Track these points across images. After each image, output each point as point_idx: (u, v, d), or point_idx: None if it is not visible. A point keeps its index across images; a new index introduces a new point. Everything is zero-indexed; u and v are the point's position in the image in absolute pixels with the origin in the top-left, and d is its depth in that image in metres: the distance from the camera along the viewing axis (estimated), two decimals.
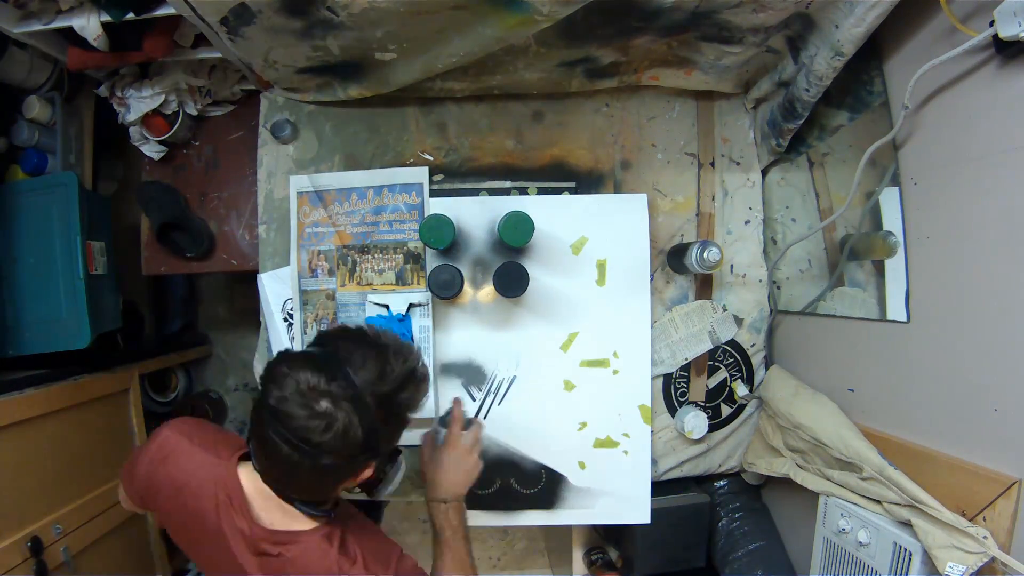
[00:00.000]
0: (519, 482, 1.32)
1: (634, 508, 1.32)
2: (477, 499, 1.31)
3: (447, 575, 0.98)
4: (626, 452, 1.32)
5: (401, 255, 1.31)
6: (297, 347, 1.33)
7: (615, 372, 1.31)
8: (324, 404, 0.73)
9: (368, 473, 0.83)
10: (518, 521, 1.33)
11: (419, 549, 1.42)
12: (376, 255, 1.31)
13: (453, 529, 1.01)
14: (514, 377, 1.32)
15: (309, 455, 0.73)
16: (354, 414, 0.74)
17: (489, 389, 1.32)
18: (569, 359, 1.31)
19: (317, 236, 1.32)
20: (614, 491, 1.32)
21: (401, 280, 1.31)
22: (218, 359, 2.26)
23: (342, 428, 0.73)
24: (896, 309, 1.03)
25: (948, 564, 0.82)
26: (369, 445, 0.76)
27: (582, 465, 1.32)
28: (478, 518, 1.32)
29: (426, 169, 1.31)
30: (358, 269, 1.31)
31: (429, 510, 1.04)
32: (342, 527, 0.85)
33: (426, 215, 1.26)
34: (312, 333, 1.33)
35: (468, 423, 1.16)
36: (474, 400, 1.32)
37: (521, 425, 1.31)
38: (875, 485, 0.98)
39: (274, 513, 0.83)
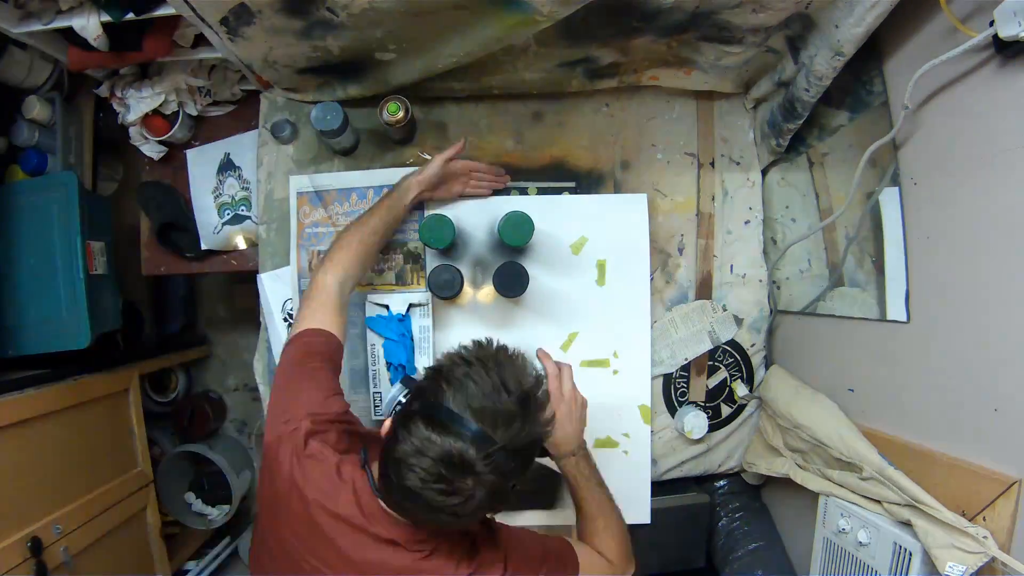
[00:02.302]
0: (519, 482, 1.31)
1: (634, 508, 1.31)
2: None
3: (592, 522, 0.99)
4: (626, 452, 1.32)
5: (401, 255, 1.30)
6: None
7: (615, 372, 1.31)
8: (467, 483, 0.69)
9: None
10: (518, 521, 1.33)
11: None
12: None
13: (586, 478, 1.01)
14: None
15: (445, 517, 0.71)
16: (495, 483, 0.70)
17: None
18: (569, 359, 1.31)
19: (317, 236, 1.32)
20: (614, 491, 1.31)
21: (401, 280, 1.31)
22: (218, 359, 2.26)
23: (480, 498, 0.70)
24: (896, 309, 1.03)
25: (948, 564, 0.82)
26: (506, 501, 0.75)
27: None
28: None
29: None
30: None
31: (561, 469, 1.02)
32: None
33: (426, 215, 1.26)
34: None
35: (559, 368, 1.09)
36: None
37: None
38: (875, 485, 0.98)
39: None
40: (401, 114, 1.20)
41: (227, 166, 1.47)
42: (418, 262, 1.30)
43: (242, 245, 1.46)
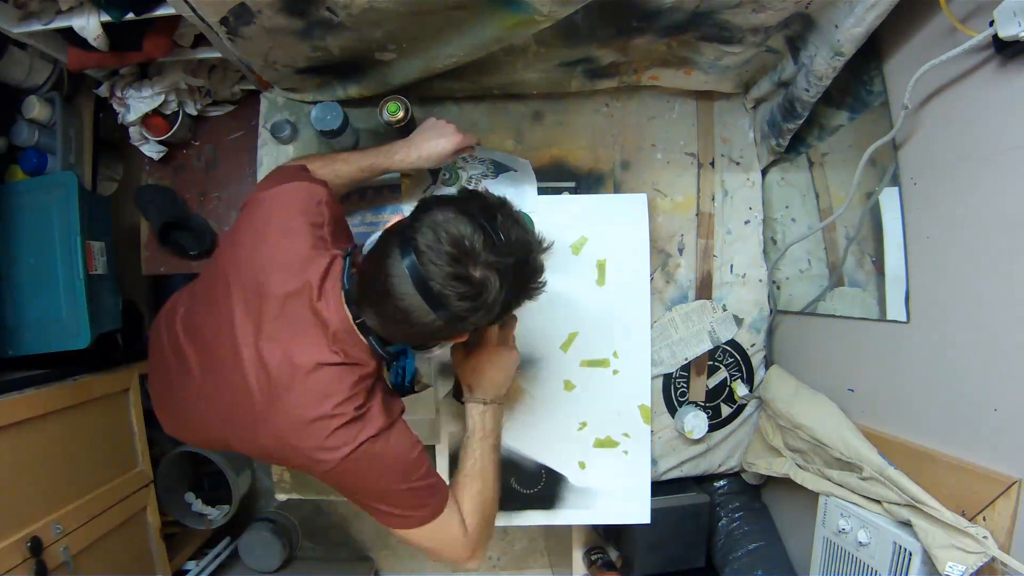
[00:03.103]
0: (519, 482, 1.32)
1: (634, 508, 1.32)
2: None
3: (469, 481, 0.92)
4: (626, 452, 1.32)
5: None
6: None
7: (615, 372, 1.31)
8: (477, 272, 0.69)
9: (464, 337, 0.81)
10: (518, 521, 1.33)
11: None
12: None
13: (485, 433, 0.95)
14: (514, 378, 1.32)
15: (435, 312, 0.70)
16: (500, 287, 0.70)
17: None
18: (569, 359, 1.31)
19: None
20: (614, 491, 1.31)
21: None
22: None
23: (485, 300, 0.70)
24: (896, 309, 1.03)
25: (948, 564, 0.82)
26: (497, 315, 0.74)
27: (582, 465, 1.32)
28: None
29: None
30: None
31: (467, 412, 0.97)
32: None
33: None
34: None
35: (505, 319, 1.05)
36: None
37: (521, 425, 1.31)
38: (875, 485, 0.98)
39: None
40: (401, 114, 1.20)
41: None
42: None
43: None
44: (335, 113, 1.18)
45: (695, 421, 1.33)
